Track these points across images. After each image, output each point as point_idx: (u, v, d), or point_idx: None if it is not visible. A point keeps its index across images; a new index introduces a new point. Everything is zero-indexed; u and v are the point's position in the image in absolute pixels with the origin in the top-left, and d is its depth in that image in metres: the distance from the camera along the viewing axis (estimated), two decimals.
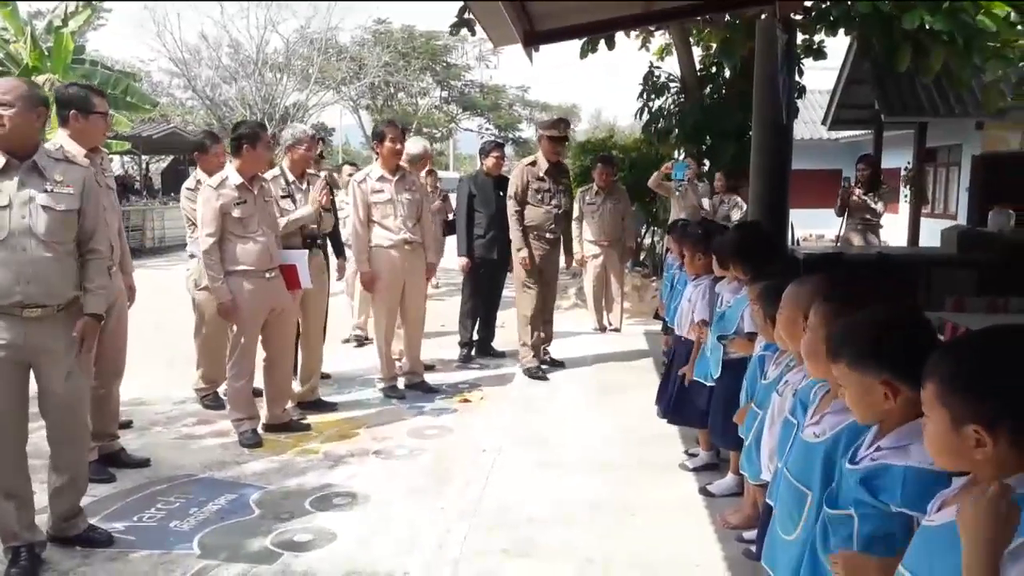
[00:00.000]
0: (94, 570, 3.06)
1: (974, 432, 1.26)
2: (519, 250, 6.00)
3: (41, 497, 3.19)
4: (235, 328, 4.47)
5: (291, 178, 5.04)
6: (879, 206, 8.09)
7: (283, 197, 4.96)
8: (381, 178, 5.30)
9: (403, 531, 3.41)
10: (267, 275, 4.43)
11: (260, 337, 4.55)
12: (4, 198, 2.87)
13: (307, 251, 4.88)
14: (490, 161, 6.66)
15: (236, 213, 4.32)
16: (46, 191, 2.95)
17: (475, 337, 6.69)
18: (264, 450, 4.39)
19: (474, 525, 3.43)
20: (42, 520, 3.16)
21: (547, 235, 6.05)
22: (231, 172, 4.40)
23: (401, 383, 5.60)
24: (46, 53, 13.52)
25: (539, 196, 6.00)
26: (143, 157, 22.31)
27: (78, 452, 3.22)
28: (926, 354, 1.39)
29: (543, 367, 6.04)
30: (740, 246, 3.50)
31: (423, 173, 6.66)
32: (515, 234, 6.00)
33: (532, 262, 5.98)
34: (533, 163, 6.11)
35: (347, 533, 3.38)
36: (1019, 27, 7.37)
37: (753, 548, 3.01)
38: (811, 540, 1.74)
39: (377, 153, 5.39)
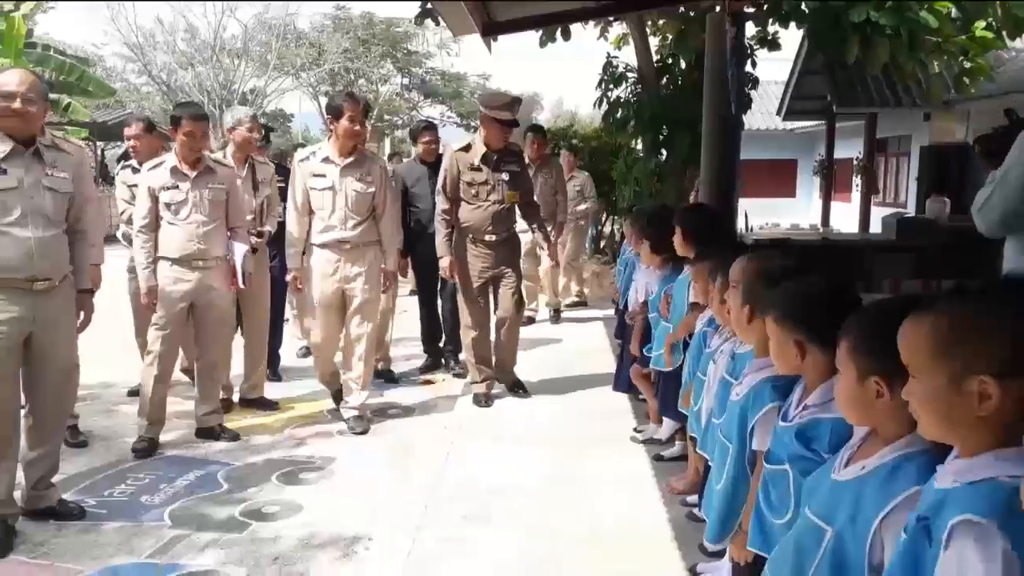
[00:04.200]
0: (68, 541, 3.17)
1: (875, 384, 1.44)
2: (441, 257, 4.96)
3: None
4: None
5: (231, 164, 4.73)
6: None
7: None
8: (326, 160, 4.42)
9: (367, 502, 3.57)
10: (196, 263, 4.19)
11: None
12: (14, 181, 3.08)
13: (246, 247, 4.45)
14: (420, 146, 5.84)
15: (164, 198, 4.15)
16: (47, 175, 3.18)
17: (442, 344, 5.97)
18: (230, 429, 4.50)
19: (435, 496, 3.60)
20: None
21: (487, 237, 4.90)
22: (170, 156, 4.25)
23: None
24: None
25: (473, 191, 4.85)
26: (98, 144, 21.96)
27: (62, 421, 3.45)
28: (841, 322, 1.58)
29: (492, 396, 5.03)
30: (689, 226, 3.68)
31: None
32: (438, 237, 4.94)
33: (465, 272, 4.94)
34: (466, 148, 4.96)
35: (313, 504, 3.54)
36: (959, 24, 7.73)
37: (696, 511, 3.23)
38: (734, 487, 1.95)
39: (331, 131, 4.51)
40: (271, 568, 2.99)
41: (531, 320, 7.28)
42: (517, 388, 5.15)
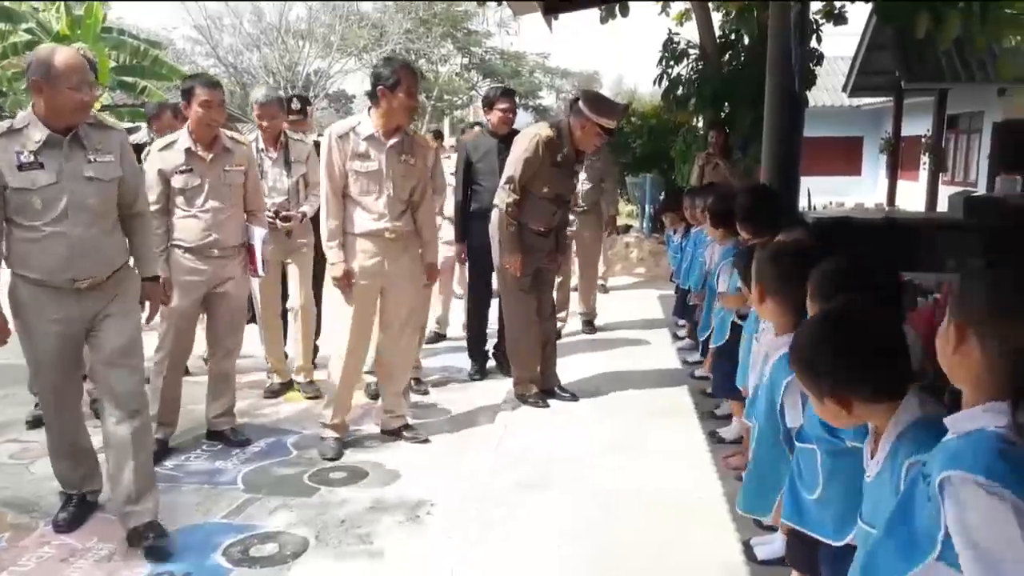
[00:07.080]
0: None
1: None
2: (513, 255, 4.40)
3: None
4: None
5: (261, 145, 4.56)
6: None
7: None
8: (371, 138, 3.79)
9: (429, 469, 3.71)
10: (213, 251, 3.84)
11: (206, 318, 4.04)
12: (52, 175, 2.78)
13: (265, 231, 4.04)
14: (495, 115, 5.07)
15: (178, 183, 3.75)
16: (89, 161, 2.85)
17: (488, 347, 5.31)
18: (298, 400, 4.71)
19: (495, 463, 3.72)
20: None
21: (543, 228, 4.51)
22: (183, 134, 3.81)
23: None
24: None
25: (545, 188, 4.38)
26: None
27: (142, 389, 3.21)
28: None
29: (545, 395, 4.58)
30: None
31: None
32: (507, 232, 4.37)
33: (524, 265, 4.44)
34: (554, 140, 4.31)
35: (378, 471, 3.69)
36: None
37: None
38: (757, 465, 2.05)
39: (376, 104, 3.77)
40: (337, 530, 3.13)
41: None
42: (561, 392, 4.67)
